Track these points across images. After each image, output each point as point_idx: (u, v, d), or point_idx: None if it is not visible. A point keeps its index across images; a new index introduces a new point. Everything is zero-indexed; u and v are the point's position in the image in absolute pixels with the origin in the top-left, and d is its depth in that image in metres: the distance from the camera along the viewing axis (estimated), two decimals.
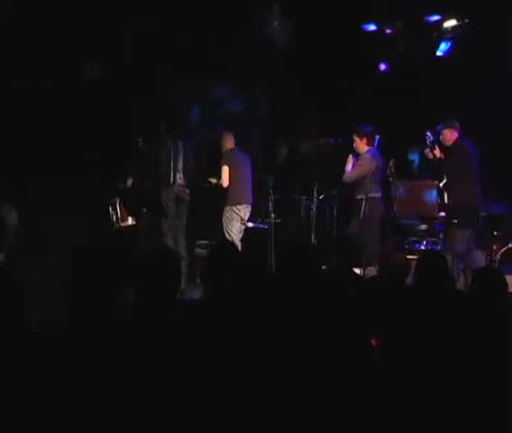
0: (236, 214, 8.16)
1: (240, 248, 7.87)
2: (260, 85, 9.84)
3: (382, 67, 9.16)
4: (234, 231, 8.16)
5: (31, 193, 7.72)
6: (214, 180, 8.33)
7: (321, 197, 8.14)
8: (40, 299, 3.60)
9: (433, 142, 7.55)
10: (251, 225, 8.23)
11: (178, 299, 3.25)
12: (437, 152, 7.57)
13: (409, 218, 7.72)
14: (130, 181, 8.26)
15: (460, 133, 7.57)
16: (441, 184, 7.55)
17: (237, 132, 8.57)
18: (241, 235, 8.25)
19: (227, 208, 8.18)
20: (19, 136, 7.94)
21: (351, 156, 7.72)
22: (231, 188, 8.16)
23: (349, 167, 7.68)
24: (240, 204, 8.19)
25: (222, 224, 8.15)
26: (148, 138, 8.38)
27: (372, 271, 6.59)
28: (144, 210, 8.10)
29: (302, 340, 3.01)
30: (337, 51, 8.82)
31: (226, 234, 8.14)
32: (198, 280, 8.24)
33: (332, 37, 8.77)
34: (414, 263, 4.37)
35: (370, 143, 7.68)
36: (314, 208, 7.97)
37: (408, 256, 6.42)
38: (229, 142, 8.32)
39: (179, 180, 8.27)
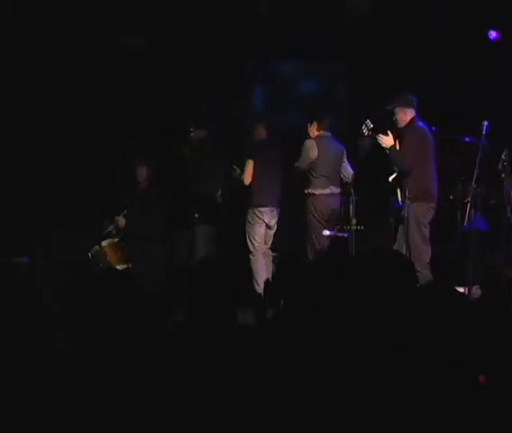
0: (259, 218, 8.27)
1: (261, 261, 8.00)
2: (337, 60, 9.83)
3: (492, 35, 9.02)
4: (257, 238, 8.27)
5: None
6: (237, 170, 8.34)
7: None
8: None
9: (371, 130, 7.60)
10: (327, 233, 8.24)
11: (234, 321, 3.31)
12: (387, 139, 7.49)
13: None
14: (123, 221, 8.41)
15: (417, 113, 7.54)
16: (390, 178, 7.59)
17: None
18: (269, 243, 8.34)
19: (249, 211, 8.29)
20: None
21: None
22: (254, 187, 8.25)
23: None
24: (263, 206, 8.28)
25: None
26: (201, 128, 8.52)
27: (479, 290, 6.52)
28: (197, 216, 8.21)
29: (391, 373, 3.00)
30: (434, 18, 8.73)
31: (248, 242, 8.25)
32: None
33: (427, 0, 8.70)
34: None
35: (321, 128, 8.08)
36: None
37: None
38: (259, 132, 8.41)
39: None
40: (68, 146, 8.68)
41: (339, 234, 8.35)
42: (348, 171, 8.33)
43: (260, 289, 7.99)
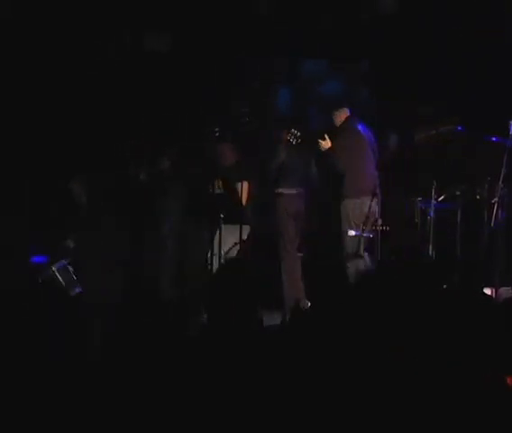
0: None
1: None
2: (361, 60, 9.79)
3: None
4: None
5: None
6: (219, 185, 8.28)
7: (441, 198, 8.02)
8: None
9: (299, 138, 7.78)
10: (353, 233, 8.21)
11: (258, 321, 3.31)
12: (324, 143, 7.82)
13: None
14: (70, 243, 8.25)
15: (352, 114, 7.94)
16: None
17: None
18: None
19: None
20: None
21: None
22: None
23: None
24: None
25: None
26: (225, 130, 8.51)
27: (507, 291, 6.49)
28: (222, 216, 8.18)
29: (413, 378, 2.98)
30: (467, 15, 8.65)
31: None
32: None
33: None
34: None
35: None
36: (431, 213, 7.87)
37: None
38: (229, 153, 8.40)
39: None
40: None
41: (365, 235, 8.33)
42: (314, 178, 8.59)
43: None
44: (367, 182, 7.83)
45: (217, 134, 8.25)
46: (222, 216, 8.16)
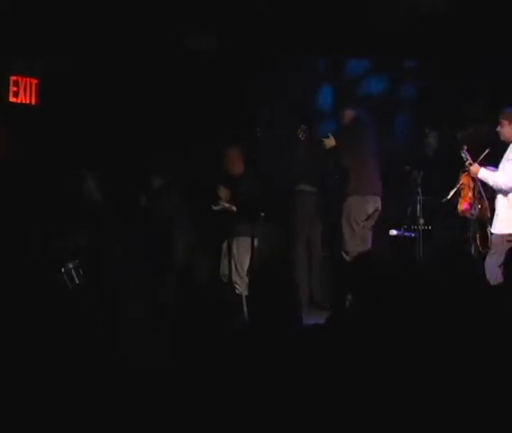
0: None
1: None
2: (407, 59, 9.72)
3: None
4: (244, 266, 7.81)
5: None
6: (226, 204, 7.88)
7: None
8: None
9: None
10: (394, 232, 8.17)
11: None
12: (328, 141, 7.89)
13: None
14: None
15: (357, 116, 8.00)
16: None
17: (378, 117, 8.54)
18: None
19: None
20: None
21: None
22: None
23: None
24: None
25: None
26: (266, 128, 8.51)
27: None
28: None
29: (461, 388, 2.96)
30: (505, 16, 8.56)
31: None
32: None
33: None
34: None
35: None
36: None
37: None
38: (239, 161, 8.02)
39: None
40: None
41: (406, 234, 8.29)
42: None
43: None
44: (370, 181, 7.84)
45: (258, 134, 8.23)
46: (262, 214, 8.07)
